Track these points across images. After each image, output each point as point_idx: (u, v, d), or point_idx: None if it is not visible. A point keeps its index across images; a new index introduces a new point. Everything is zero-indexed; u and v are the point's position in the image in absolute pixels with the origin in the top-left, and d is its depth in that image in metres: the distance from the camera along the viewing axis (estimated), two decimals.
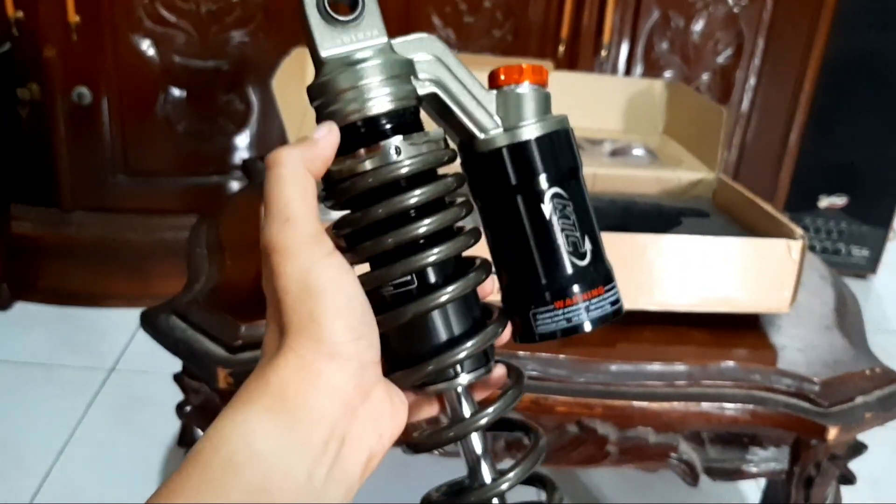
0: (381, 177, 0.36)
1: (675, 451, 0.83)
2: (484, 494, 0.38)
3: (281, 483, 0.32)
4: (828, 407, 0.78)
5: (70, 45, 1.49)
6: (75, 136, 1.56)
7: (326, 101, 0.36)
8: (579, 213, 0.38)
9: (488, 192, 0.39)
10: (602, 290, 0.39)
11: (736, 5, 1.68)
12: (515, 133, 0.38)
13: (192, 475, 0.31)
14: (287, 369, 0.33)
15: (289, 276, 0.34)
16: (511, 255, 0.39)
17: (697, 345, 0.82)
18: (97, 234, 1.61)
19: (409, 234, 0.36)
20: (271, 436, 0.32)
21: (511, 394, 0.39)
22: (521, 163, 0.38)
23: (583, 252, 0.38)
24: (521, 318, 0.39)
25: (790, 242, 0.80)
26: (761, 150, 1.84)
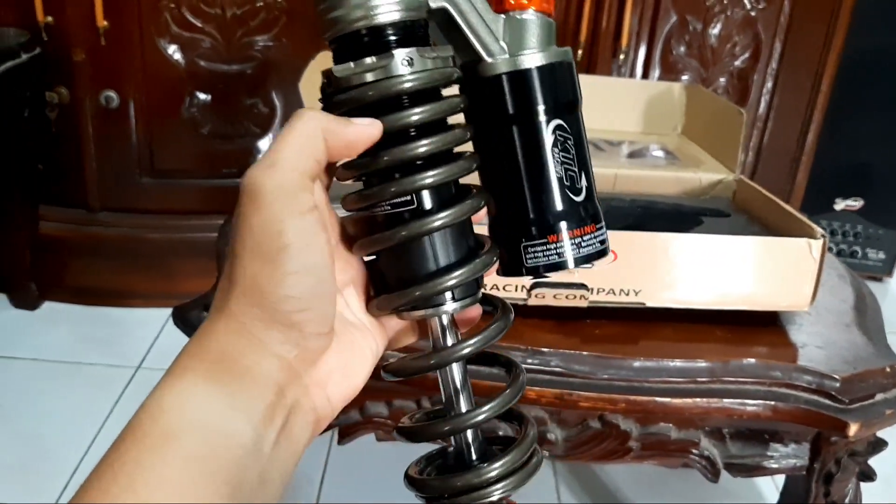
0: (385, 90, 0.34)
1: (696, 447, 0.84)
2: (460, 423, 0.37)
3: (225, 449, 0.30)
4: (848, 403, 0.79)
5: (98, 50, 1.52)
6: (102, 139, 1.60)
7: (331, 4, 0.34)
8: (578, 148, 0.38)
9: (489, 119, 0.38)
10: (594, 227, 0.38)
11: (753, 8, 1.69)
12: (521, 60, 0.36)
13: (129, 448, 0.30)
14: (226, 335, 0.32)
15: (250, 226, 0.31)
16: (505, 185, 0.38)
17: (718, 342, 0.84)
18: (123, 233, 1.64)
19: (407, 153, 0.34)
20: (212, 402, 0.31)
21: (496, 326, 0.38)
22: (526, 91, 0.37)
23: (579, 188, 0.38)
24: (509, 250, 0.38)
25: (811, 241, 0.81)
26: (778, 152, 1.84)
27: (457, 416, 0.38)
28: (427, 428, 0.38)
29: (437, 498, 0.37)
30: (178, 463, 0.29)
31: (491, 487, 0.36)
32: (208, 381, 0.31)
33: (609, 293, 0.82)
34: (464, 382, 0.38)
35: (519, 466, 0.37)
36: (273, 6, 1.57)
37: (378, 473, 1.26)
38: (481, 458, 0.38)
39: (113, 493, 0.28)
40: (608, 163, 1.14)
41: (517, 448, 0.37)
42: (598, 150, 1.20)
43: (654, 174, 1.09)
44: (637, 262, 0.81)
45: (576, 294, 0.81)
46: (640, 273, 0.82)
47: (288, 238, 0.31)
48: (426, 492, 0.38)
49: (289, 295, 0.31)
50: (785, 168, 1.86)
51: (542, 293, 0.81)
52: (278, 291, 0.31)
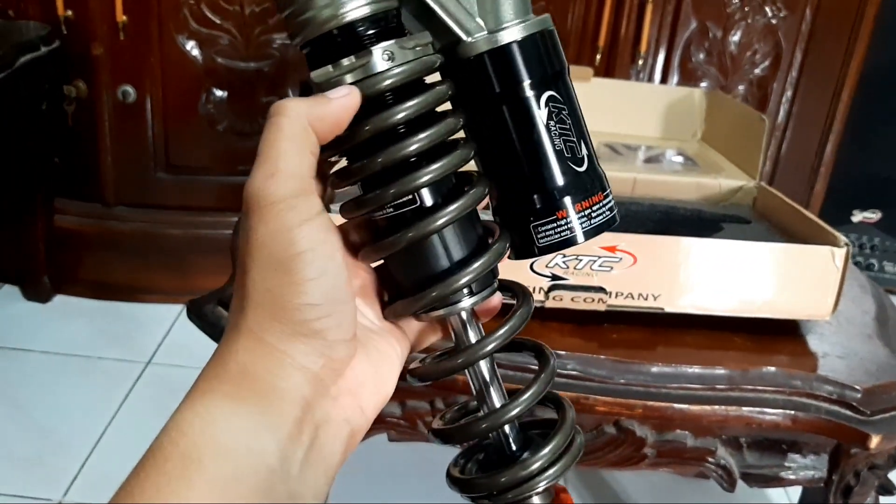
0: (369, 90, 0.32)
1: (712, 456, 0.83)
2: (497, 420, 0.36)
3: (251, 472, 0.29)
4: (870, 415, 0.77)
5: (117, 45, 1.53)
6: (119, 133, 1.60)
7: (297, 8, 0.33)
8: (573, 116, 0.36)
9: (477, 101, 0.36)
10: (601, 196, 0.37)
11: (775, 16, 1.68)
12: (500, 35, 0.35)
13: (150, 474, 0.29)
14: (246, 353, 0.31)
15: (258, 240, 0.30)
16: (506, 167, 0.36)
17: (738, 349, 0.82)
18: (138, 228, 1.64)
19: (402, 151, 0.33)
20: (235, 423, 0.29)
21: (519, 315, 0.37)
22: (510, 67, 0.35)
23: (580, 157, 0.36)
24: (518, 233, 0.37)
25: (834, 250, 0.80)
26: (796, 162, 1.83)
27: (493, 413, 0.36)
28: (465, 428, 0.37)
29: (485, 497, 0.36)
30: (202, 487, 0.28)
31: (537, 478, 0.35)
32: (230, 400, 0.30)
33: (628, 297, 0.81)
34: (493, 375, 0.37)
35: (563, 452, 0.36)
36: None
37: (387, 473, 1.25)
38: (522, 448, 0.37)
39: None
40: (626, 167, 1.13)
41: (559, 434, 0.36)
42: (616, 153, 1.19)
43: (673, 179, 1.08)
44: (657, 267, 0.80)
45: (594, 298, 0.80)
46: (660, 278, 0.81)
47: (301, 245, 0.30)
48: (472, 491, 0.37)
49: (308, 303, 0.30)
50: (803, 178, 1.85)
51: (561, 296, 0.80)
52: (296, 300, 0.30)
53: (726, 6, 1.67)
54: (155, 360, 1.50)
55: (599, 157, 0.39)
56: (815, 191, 1.87)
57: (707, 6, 1.66)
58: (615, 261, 0.79)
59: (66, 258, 1.65)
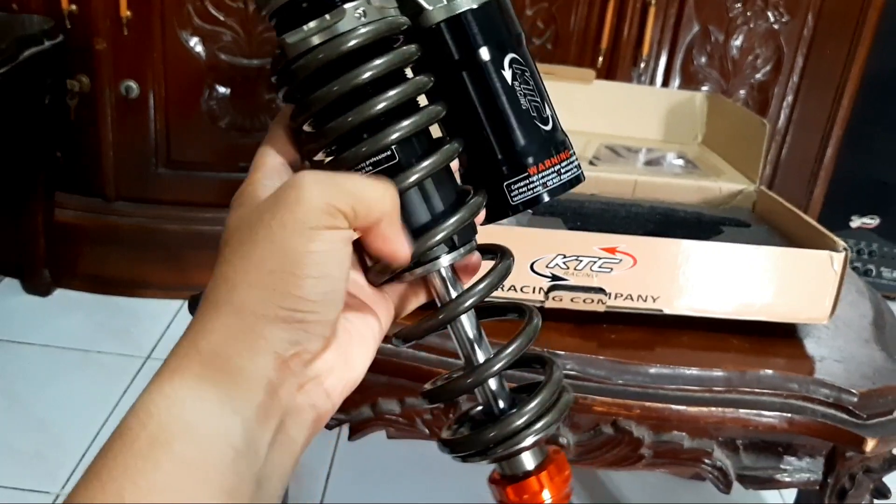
0: (335, 49, 0.32)
1: (709, 457, 0.83)
2: (480, 375, 0.36)
3: (218, 453, 0.29)
4: (866, 419, 0.78)
5: (121, 40, 1.53)
6: (121, 128, 1.60)
7: None
8: (535, 78, 0.38)
9: (442, 69, 0.37)
10: (568, 153, 0.38)
11: (776, 21, 1.69)
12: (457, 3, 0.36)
13: (117, 454, 0.28)
14: (222, 331, 0.31)
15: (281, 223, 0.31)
16: (475, 130, 0.37)
17: (736, 352, 0.83)
18: (138, 223, 1.64)
19: (371, 109, 0.33)
20: (202, 404, 0.30)
21: (498, 270, 0.37)
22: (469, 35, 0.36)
23: (546, 117, 0.38)
24: (491, 194, 0.38)
25: (832, 254, 0.81)
26: (795, 166, 1.83)
27: (476, 368, 0.37)
28: (448, 385, 0.37)
29: (472, 454, 0.37)
30: (169, 468, 0.28)
31: (523, 433, 0.36)
32: (198, 381, 0.30)
33: (627, 299, 0.82)
34: (478, 335, 0.37)
35: (549, 407, 0.37)
36: None
37: (385, 470, 1.25)
38: (511, 407, 0.37)
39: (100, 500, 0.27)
40: (627, 169, 1.14)
41: (545, 389, 0.37)
42: (617, 155, 1.20)
43: (673, 182, 1.08)
44: (656, 269, 0.81)
45: (594, 298, 0.81)
46: (659, 280, 0.81)
47: (318, 246, 0.31)
48: (459, 450, 0.37)
49: (304, 297, 0.31)
50: (802, 183, 1.85)
51: (560, 296, 0.81)
52: (295, 291, 0.30)
53: (728, 10, 1.67)
54: (154, 355, 1.50)
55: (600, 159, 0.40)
56: (815, 195, 1.88)
57: (709, 10, 1.67)
58: (615, 262, 0.80)
59: (67, 252, 1.65)
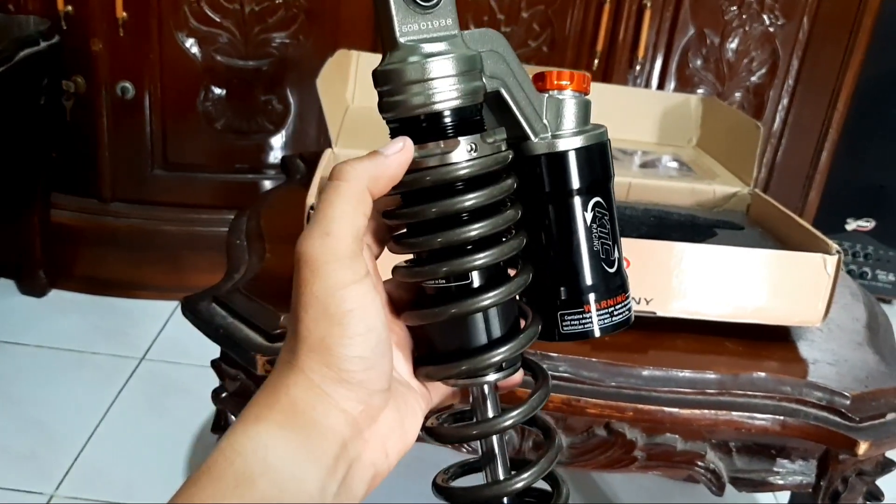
0: (444, 176, 0.35)
1: (701, 460, 0.83)
2: (499, 491, 0.38)
3: (294, 493, 0.32)
4: (859, 422, 0.78)
5: (117, 41, 1.53)
6: (117, 129, 1.60)
7: (393, 88, 0.35)
8: (613, 222, 0.40)
9: (532, 195, 0.39)
10: (625, 296, 0.41)
11: (772, 24, 1.69)
12: (559, 142, 0.38)
13: (206, 487, 0.31)
14: (297, 388, 0.34)
15: (313, 293, 0.33)
16: (547, 257, 0.40)
17: (729, 354, 0.83)
18: (134, 225, 1.64)
19: (459, 236, 0.36)
20: (284, 450, 0.32)
21: (538, 396, 0.39)
22: (563, 172, 0.39)
23: (612, 260, 0.40)
24: (545, 317, 0.40)
25: (826, 257, 0.81)
26: (791, 169, 1.84)
27: (496, 484, 0.39)
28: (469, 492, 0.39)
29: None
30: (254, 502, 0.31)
31: None
32: (280, 429, 0.33)
33: None
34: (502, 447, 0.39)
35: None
36: (292, 4, 1.57)
37: None
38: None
39: None
40: (621, 171, 1.14)
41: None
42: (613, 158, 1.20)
43: (668, 184, 1.09)
44: (650, 271, 0.81)
45: None
46: (653, 282, 0.81)
47: (351, 303, 0.33)
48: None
49: (356, 355, 0.34)
50: (798, 186, 1.86)
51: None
52: (346, 352, 0.33)
53: (724, 13, 1.68)
54: (149, 356, 1.50)
55: None
56: (810, 199, 1.88)
57: (705, 13, 1.67)
58: None
59: (62, 253, 1.65)
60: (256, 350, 0.79)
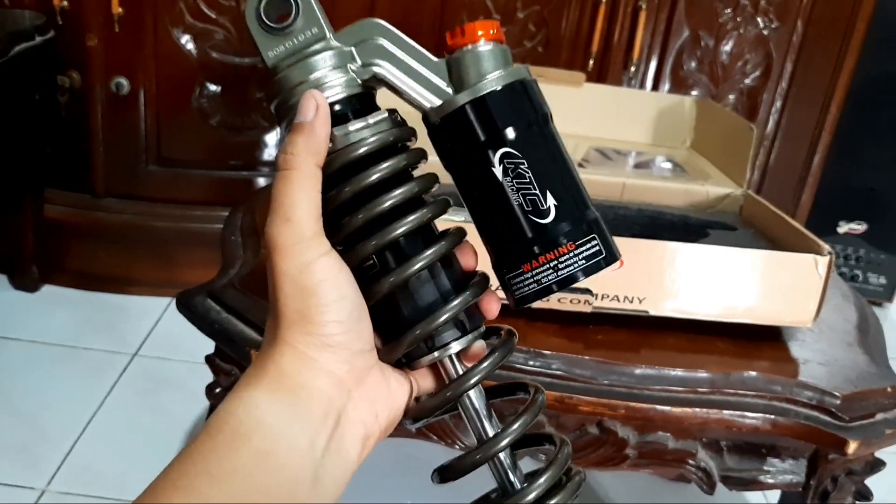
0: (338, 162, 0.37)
1: (693, 458, 0.84)
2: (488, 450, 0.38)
3: (286, 447, 0.35)
4: (848, 421, 0.79)
5: (112, 36, 1.53)
6: (111, 125, 1.60)
7: (283, 97, 0.39)
8: (536, 168, 0.37)
9: (449, 162, 0.39)
10: (572, 245, 0.37)
11: (766, 27, 1.70)
12: (446, 104, 0.38)
13: (204, 442, 0.34)
14: (283, 358, 0.36)
15: (283, 272, 0.36)
16: (482, 222, 0.39)
17: (720, 353, 0.84)
18: (127, 220, 1.64)
19: (372, 210, 0.37)
20: (273, 409, 0.35)
21: (501, 350, 0.39)
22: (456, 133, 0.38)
23: (544, 209, 0.37)
24: (503, 284, 0.39)
25: (817, 258, 0.81)
26: (784, 172, 1.85)
27: (485, 443, 0.39)
28: (459, 461, 0.39)
29: None
30: (247, 456, 0.34)
31: None
32: (269, 391, 0.36)
33: (613, 300, 0.82)
34: (487, 413, 0.39)
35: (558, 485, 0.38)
36: None
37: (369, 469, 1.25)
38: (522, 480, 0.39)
39: (190, 475, 0.34)
40: (615, 172, 1.15)
41: (552, 466, 0.38)
42: (606, 158, 1.20)
43: (662, 185, 1.09)
44: (643, 271, 0.81)
45: (580, 299, 0.81)
46: (646, 281, 0.82)
47: (320, 275, 0.36)
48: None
49: (332, 320, 0.36)
50: (790, 188, 1.87)
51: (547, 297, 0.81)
52: (323, 318, 0.36)
53: (719, 16, 1.68)
54: (141, 351, 1.50)
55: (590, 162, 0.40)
56: (802, 201, 1.89)
57: (700, 15, 1.68)
58: None
59: (55, 248, 1.64)
60: (251, 345, 0.79)
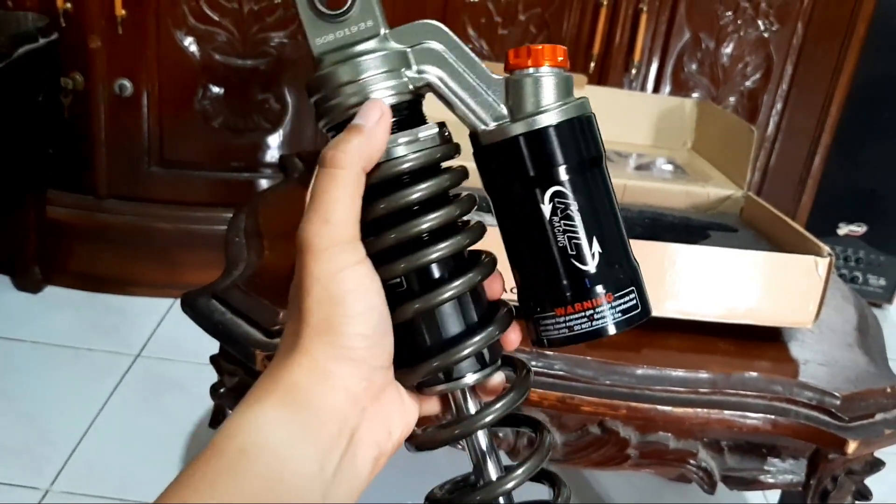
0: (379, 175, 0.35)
1: (694, 458, 0.84)
2: (490, 493, 0.37)
3: (293, 472, 0.33)
4: (848, 421, 0.79)
5: (115, 38, 1.53)
6: (114, 126, 1.60)
7: (326, 95, 0.36)
8: (586, 211, 0.35)
9: (493, 188, 0.37)
10: (611, 297, 0.36)
11: (766, 30, 1.71)
12: (513, 126, 0.35)
13: (208, 463, 0.33)
14: (299, 370, 0.34)
15: (315, 277, 0.34)
16: (517, 255, 0.37)
17: (721, 354, 0.84)
18: (130, 222, 1.64)
19: (407, 231, 0.35)
20: (283, 428, 0.33)
21: (517, 391, 0.38)
22: (513, 159, 0.35)
23: (587, 255, 0.35)
24: (528, 317, 0.38)
25: (818, 259, 0.82)
26: (784, 174, 1.85)
27: (488, 485, 0.37)
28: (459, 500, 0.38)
29: None
30: (252, 480, 0.32)
31: None
32: (280, 409, 0.34)
33: None
34: (490, 447, 0.38)
35: None
36: (290, 3, 1.58)
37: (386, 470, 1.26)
38: None
39: (193, 497, 0.32)
40: (616, 173, 1.15)
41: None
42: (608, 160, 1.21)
43: (662, 187, 1.10)
44: (644, 272, 0.82)
45: None
46: (647, 282, 0.82)
47: (350, 284, 0.34)
48: None
49: (358, 332, 0.34)
50: (790, 189, 1.87)
51: None
52: (348, 330, 0.34)
53: (719, 18, 1.69)
54: (144, 353, 1.50)
55: None
56: (803, 202, 1.89)
57: (700, 18, 1.69)
58: None
59: (58, 249, 1.64)
60: (255, 346, 0.79)
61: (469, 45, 1.34)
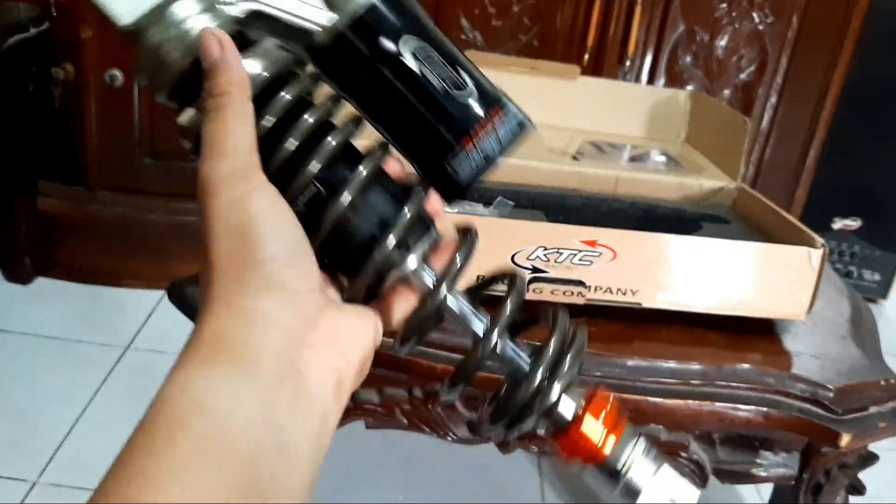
0: None
1: (685, 450, 0.84)
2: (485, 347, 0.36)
3: (232, 426, 0.30)
4: (841, 414, 0.79)
5: (106, 28, 1.51)
6: (105, 117, 1.59)
7: (151, 69, 0.35)
8: (441, 49, 0.38)
9: (352, 78, 0.38)
10: (497, 109, 0.39)
11: (761, 22, 1.70)
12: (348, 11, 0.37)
13: (139, 442, 0.30)
14: (218, 320, 0.32)
15: (213, 213, 0.32)
16: (403, 129, 0.38)
17: (713, 346, 0.83)
18: (121, 213, 1.64)
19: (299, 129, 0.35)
20: (213, 384, 0.31)
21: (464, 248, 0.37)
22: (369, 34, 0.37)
23: (462, 82, 0.38)
24: (441, 177, 0.38)
25: (811, 250, 0.81)
26: (778, 167, 1.85)
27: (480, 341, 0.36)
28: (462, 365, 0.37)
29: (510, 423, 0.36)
30: (187, 445, 0.29)
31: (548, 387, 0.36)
32: (206, 366, 0.31)
33: (606, 292, 0.82)
34: (471, 311, 0.37)
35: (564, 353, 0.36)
36: None
37: (364, 460, 1.25)
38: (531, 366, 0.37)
39: (123, 482, 0.29)
40: (610, 165, 1.14)
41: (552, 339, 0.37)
42: (601, 151, 1.20)
43: (655, 178, 1.09)
44: (636, 263, 0.81)
45: (573, 291, 0.81)
46: (639, 273, 0.82)
47: (253, 207, 0.32)
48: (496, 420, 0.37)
49: (268, 256, 0.32)
50: (785, 183, 1.87)
51: (540, 289, 0.81)
52: (257, 256, 0.32)
53: (714, 11, 1.68)
54: (134, 345, 1.50)
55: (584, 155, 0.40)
56: (797, 197, 1.89)
57: (695, 10, 1.68)
58: (595, 255, 0.80)
59: (48, 241, 1.64)
60: None
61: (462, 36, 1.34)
